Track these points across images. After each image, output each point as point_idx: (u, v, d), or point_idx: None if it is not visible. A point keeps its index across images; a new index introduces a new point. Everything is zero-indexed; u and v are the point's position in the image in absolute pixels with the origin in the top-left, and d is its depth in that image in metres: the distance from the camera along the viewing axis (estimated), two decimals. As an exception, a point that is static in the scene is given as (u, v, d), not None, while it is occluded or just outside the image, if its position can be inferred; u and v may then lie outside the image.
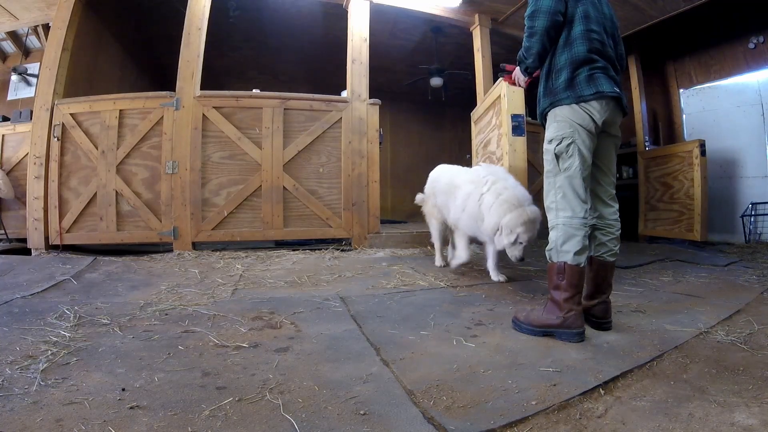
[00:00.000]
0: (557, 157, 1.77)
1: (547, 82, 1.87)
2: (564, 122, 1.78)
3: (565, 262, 1.70)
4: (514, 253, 2.37)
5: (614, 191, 1.92)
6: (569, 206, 1.74)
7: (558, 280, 1.71)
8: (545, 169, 1.86)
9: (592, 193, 1.90)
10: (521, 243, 2.34)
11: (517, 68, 2.04)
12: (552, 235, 1.78)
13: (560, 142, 1.77)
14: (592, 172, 1.85)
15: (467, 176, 2.79)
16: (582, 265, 1.71)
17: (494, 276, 2.74)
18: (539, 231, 2.40)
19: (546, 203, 1.84)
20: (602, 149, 1.86)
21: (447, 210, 2.95)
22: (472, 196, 2.59)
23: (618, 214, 1.91)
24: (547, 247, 1.79)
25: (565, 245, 1.71)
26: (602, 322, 1.81)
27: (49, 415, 1.07)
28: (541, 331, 1.72)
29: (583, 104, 1.74)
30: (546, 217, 1.91)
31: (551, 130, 1.83)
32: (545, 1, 1.78)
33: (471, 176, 2.74)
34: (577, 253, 1.69)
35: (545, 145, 1.85)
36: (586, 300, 1.85)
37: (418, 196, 3.42)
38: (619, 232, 1.89)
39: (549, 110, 1.86)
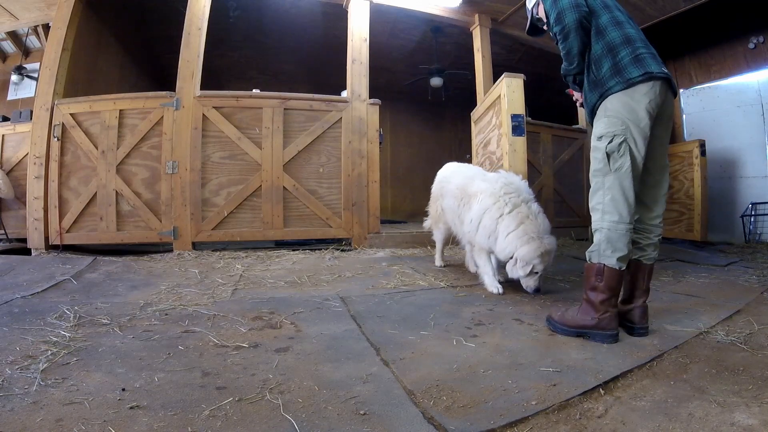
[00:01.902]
0: (608, 156, 1.68)
1: (589, 76, 1.80)
2: (615, 118, 1.68)
3: (604, 264, 1.67)
4: (528, 284, 2.28)
5: (662, 193, 1.81)
6: (616, 210, 1.68)
7: (596, 282, 1.68)
8: (593, 168, 1.76)
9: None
10: (536, 273, 2.26)
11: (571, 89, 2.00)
12: (596, 238, 1.73)
13: (611, 140, 1.67)
14: None
15: (485, 186, 2.52)
16: (623, 269, 1.68)
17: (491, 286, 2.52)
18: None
19: (592, 203, 1.77)
20: (650, 143, 1.73)
21: (455, 216, 2.77)
22: (490, 212, 2.40)
23: (661, 218, 1.81)
24: (590, 248, 1.75)
25: (608, 250, 1.67)
26: (638, 328, 1.73)
27: (49, 415, 1.07)
28: (574, 332, 1.71)
29: (634, 92, 1.65)
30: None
31: (601, 126, 1.73)
32: (564, 0, 1.75)
33: (490, 187, 2.48)
34: (620, 259, 1.66)
35: (594, 142, 1.75)
36: (622, 304, 1.79)
37: (426, 223, 3.32)
38: (659, 238, 1.81)
39: (599, 104, 1.76)
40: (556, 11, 1.78)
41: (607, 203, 1.70)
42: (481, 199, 2.47)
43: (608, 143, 1.68)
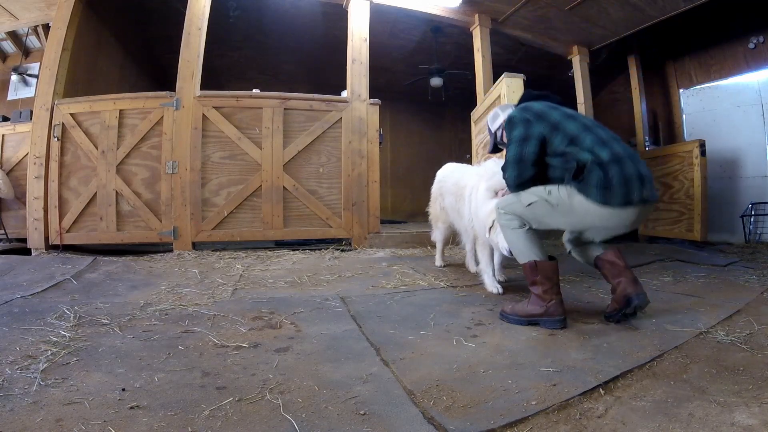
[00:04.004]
0: (530, 203, 1.86)
1: (567, 164, 1.79)
2: (559, 200, 1.80)
3: (534, 260, 1.85)
4: (497, 240, 2.13)
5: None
6: (519, 222, 1.91)
7: (533, 277, 1.86)
8: (523, 197, 1.91)
9: (577, 238, 2.02)
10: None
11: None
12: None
13: (530, 204, 1.86)
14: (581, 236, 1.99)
15: (475, 170, 2.63)
16: (550, 258, 1.87)
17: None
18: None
19: (504, 206, 1.96)
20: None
21: (455, 212, 2.79)
22: (476, 189, 2.41)
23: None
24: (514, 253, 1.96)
25: (525, 248, 1.88)
26: (634, 296, 1.78)
27: (49, 415, 1.07)
28: (526, 321, 1.85)
29: (605, 209, 1.73)
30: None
31: (552, 188, 1.84)
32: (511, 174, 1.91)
33: (476, 171, 2.59)
34: (539, 250, 1.87)
35: (539, 188, 1.87)
36: (613, 293, 1.89)
37: (434, 234, 3.26)
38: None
39: (570, 186, 1.78)
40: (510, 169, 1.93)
41: (509, 214, 1.93)
42: (470, 185, 2.53)
43: (529, 204, 1.86)
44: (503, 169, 1.96)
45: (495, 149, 2.34)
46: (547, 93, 2.09)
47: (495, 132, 2.25)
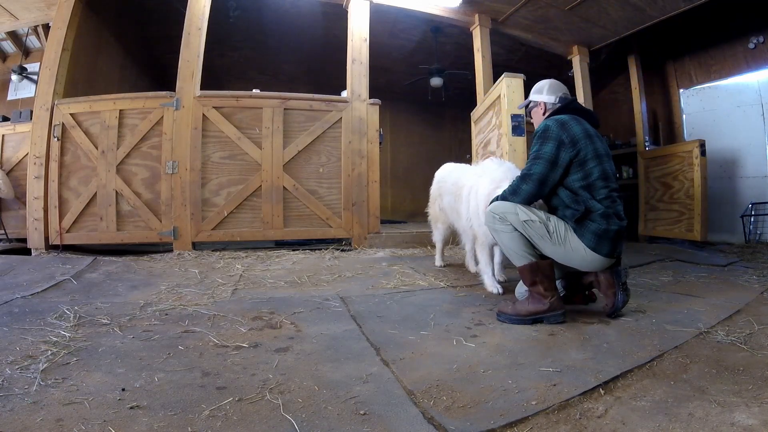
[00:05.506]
0: (528, 221, 1.90)
1: (576, 204, 1.89)
2: (562, 235, 1.88)
3: (535, 261, 1.91)
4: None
5: None
6: (512, 227, 1.96)
7: (534, 277, 1.91)
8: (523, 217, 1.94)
9: None
10: None
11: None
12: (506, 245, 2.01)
13: (527, 220, 1.90)
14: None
15: (473, 170, 2.68)
16: (541, 257, 1.95)
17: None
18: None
19: (500, 213, 1.98)
20: None
21: (454, 212, 2.79)
22: (474, 188, 2.45)
23: None
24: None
25: (521, 250, 1.93)
26: (624, 281, 1.95)
27: (49, 415, 1.07)
28: (530, 319, 1.88)
29: (591, 253, 1.86)
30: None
31: (552, 217, 1.92)
32: (538, 168, 1.93)
33: (477, 170, 2.62)
34: (534, 250, 1.95)
35: (538, 210, 1.94)
36: (601, 289, 1.98)
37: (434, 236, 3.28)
38: None
39: (567, 223, 1.90)
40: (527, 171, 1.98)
41: (504, 218, 1.97)
42: (469, 185, 2.56)
43: (526, 220, 1.90)
44: (521, 178, 1.98)
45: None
46: (590, 111, 2.15)
47: (529, 101, 2.30)
